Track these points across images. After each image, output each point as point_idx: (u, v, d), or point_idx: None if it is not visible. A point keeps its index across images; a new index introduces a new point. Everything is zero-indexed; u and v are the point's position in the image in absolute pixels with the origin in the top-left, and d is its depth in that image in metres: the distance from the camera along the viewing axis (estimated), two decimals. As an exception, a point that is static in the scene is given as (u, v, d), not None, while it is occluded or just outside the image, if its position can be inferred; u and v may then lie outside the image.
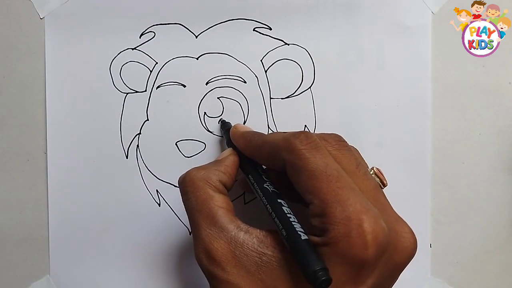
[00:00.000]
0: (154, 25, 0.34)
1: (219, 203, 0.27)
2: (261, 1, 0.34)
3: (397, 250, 0.25)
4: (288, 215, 0.25)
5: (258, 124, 0.35)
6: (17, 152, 0.35)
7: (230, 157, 0.30)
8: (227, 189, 0.29)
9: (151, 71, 0.35)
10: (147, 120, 0.35)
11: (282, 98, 0.35)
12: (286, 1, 0.34)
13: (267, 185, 0.28)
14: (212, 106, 0.35)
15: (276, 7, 0.34)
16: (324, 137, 0.27)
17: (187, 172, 0.28)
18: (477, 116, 0.35)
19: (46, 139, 0.35)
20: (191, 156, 0.35)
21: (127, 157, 0.35)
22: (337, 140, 0.28)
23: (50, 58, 0.35)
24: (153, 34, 0.35)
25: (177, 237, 0.35)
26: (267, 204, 0.27)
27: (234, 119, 0.34)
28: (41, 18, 0.35)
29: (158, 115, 0.35)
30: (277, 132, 0.34)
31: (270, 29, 0.34)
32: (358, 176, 0.26)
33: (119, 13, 0.34)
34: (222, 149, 0.35)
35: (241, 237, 0.26)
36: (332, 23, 0.34)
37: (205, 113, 0.35)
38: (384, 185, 0.29)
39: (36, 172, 0.35)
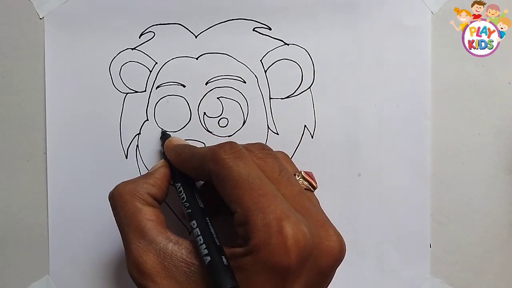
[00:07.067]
0: (153, 25, 0.34)
1: (147, 216, 0.27)
2: (260, 1, 0.34)
3: (322, 254, 0.25)
4: (210, 231, 0.26)
5: (258, 124, 0.35)
6: (17, 152, 0.35)
7: (160, 169, 0.30)
8: (158, 201, 0.29)
9: (150, 71, 0.35)
10: (147, 120, 0.35)
11: (282, 98, 0.35)
12: (286, 1, 0.34)
13: (195, 199, 0.28)
14: (211, 106, 0.35)
15: (275, 7, 0.34)
16: (248, 147, 0.28)
17: (115, 187, 0.29)
18: (477, 116, 0.35)
19: (46, 139, 0.35)
20: (190, 156, 0.35)
21: (126, 157, 0.35)
22: (260, 149, 0.28)
23: (50, 58, 0.35)
24: (153, 34, 0.35)
25: (177, 237, 0.35)
26: (192, 219, 0.27)
27: (234, 119, 0.34)
28: (40, 18, 0.35)
29: (158, 115, 0.35)
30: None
31: (270, 29, 0.34)
32: (281, 183, 0.26)
33: (119, 13, 0.34)
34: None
35: (170, 248, 0.26)
36: (332, 23, 0.34)
37: (204, 113, 0.35)
38: (314, 188, 0.29)
39: (36, 172, 0.35)
